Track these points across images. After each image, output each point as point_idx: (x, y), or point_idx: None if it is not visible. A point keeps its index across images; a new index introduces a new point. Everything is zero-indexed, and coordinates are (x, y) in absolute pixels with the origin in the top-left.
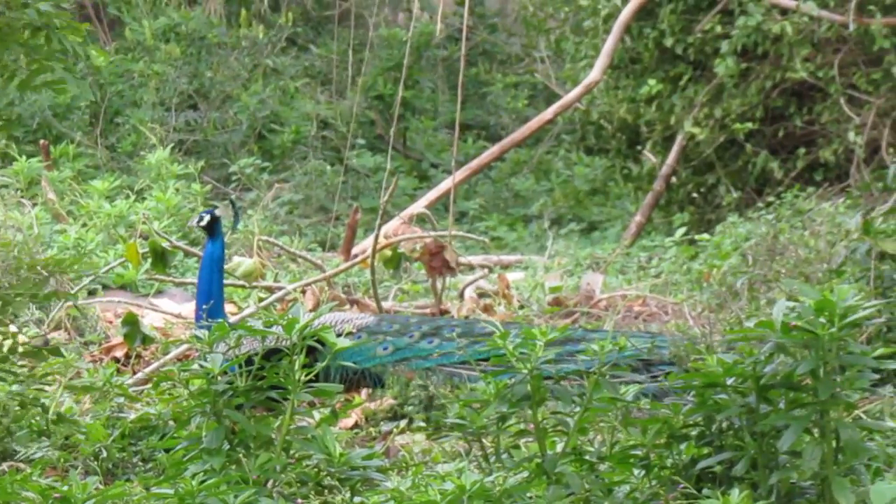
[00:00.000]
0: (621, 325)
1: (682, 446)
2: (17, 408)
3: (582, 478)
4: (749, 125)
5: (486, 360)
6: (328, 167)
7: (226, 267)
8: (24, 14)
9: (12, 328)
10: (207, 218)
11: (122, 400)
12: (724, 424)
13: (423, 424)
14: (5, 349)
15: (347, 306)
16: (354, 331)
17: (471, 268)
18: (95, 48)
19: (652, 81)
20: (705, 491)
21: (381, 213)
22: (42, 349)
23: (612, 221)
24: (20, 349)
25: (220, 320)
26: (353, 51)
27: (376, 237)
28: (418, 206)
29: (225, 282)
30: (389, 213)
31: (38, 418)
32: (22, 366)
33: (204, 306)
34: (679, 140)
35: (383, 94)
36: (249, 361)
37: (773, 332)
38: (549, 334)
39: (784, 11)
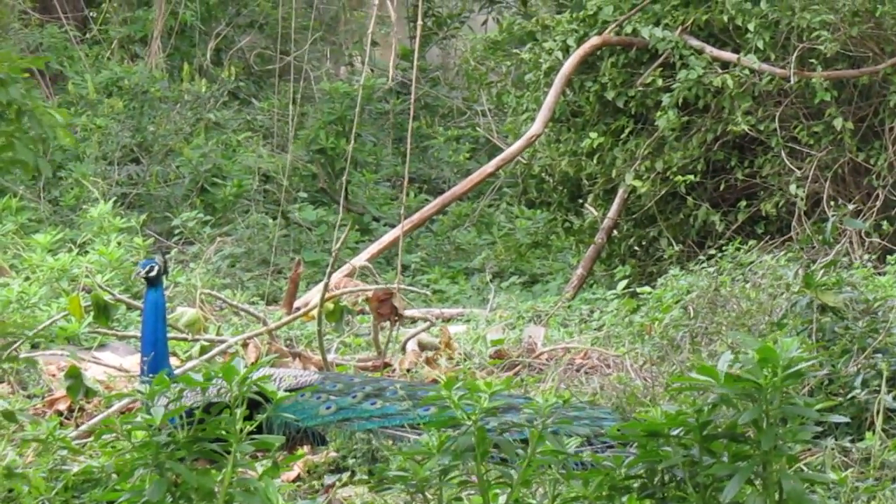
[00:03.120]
0: (563, 377)
1: (624, 498)
2: None
3: None
4: (690, 178)
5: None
6: (270, 220)
7: (168, 317)
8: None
9: None
10: (157, 267)
11: (65, 453)
12: (667, 476)
13: (365, 477)
14: None
15: (290, 359)
16: (298, 385)
17: (413, 321)
18: (61, 112)
19: (593, 134)
20: None
21: (333, 261)
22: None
23: (554, 274)
24: None
25: (165, 370)
26: (295, 104)
27: (325, 287)
28: (361, 259)
29: (168, 334)
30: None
31: None
32: None
33: (146, 357)
34: (620, 193)
35: (325, 147)
36: (191, 414)
37: (717, 382)
38: (494, 387)
39: (725, 65)
